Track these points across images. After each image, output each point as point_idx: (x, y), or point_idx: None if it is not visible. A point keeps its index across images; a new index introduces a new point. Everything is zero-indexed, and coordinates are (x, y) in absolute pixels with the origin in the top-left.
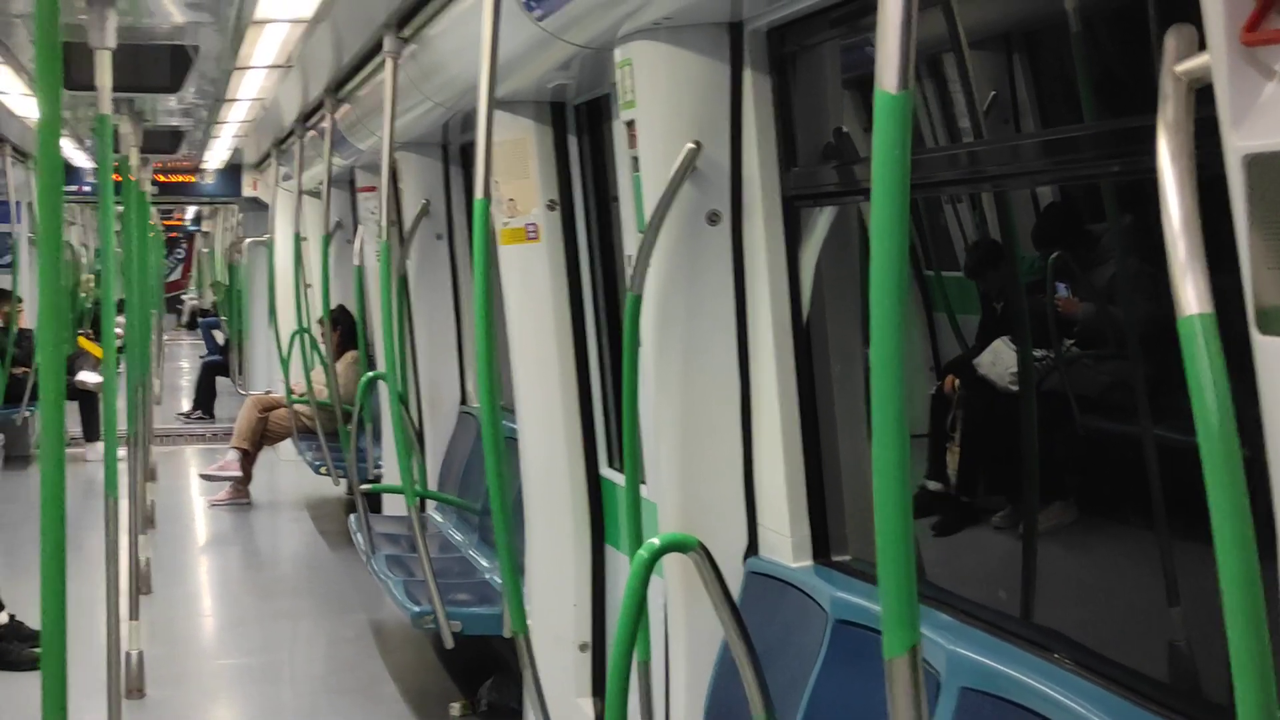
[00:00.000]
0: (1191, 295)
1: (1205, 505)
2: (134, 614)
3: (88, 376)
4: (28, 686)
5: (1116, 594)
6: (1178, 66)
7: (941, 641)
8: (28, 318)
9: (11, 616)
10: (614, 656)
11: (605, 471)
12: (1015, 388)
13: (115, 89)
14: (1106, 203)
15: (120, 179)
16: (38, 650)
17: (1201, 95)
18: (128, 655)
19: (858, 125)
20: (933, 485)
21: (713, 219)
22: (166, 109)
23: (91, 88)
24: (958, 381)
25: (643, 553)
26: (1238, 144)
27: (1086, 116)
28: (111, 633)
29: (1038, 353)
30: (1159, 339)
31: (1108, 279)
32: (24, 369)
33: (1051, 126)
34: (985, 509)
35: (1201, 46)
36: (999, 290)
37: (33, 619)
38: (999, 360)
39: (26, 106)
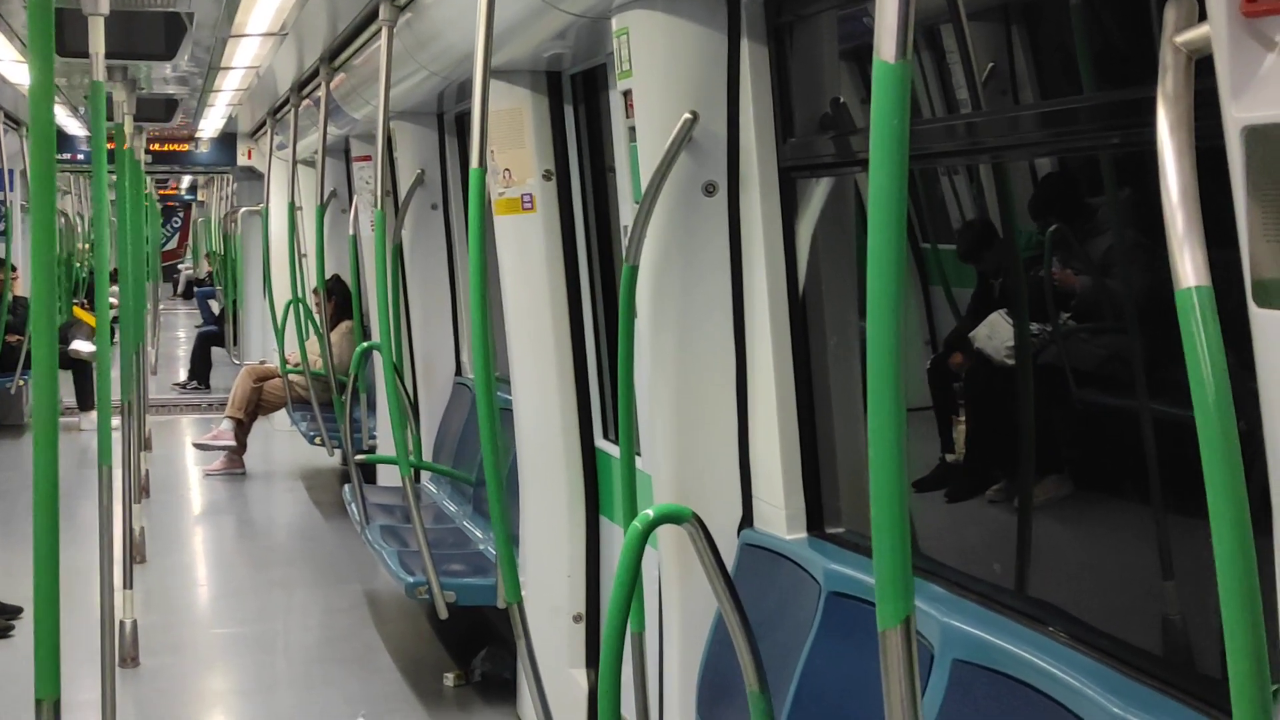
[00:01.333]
0: (1189, 268)
1: (1201, 479)
2: (128, 583)
3: (82, 345)
4: (2, 654)
5: (1111, 567)
6: (1177, 37)
7: (935, 614)
8: (22, 286)
9: None
10: (608, 627)
11: (600, 443)
12: (1011, 361)
13: (109, 56)
14: (1105, 175)
15: (114, 147)
16: (11, 621)
17: (1201, 66)
18: (122, 624)
19: (855, 96)
20: (951, 458)
21: (709, 190)
22: (161, 76)
23: (85, 55)
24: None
25: (637, 524)
26: (1237, 115)
27: (1085, 88)
28: (105, 602)
29: (1034, 327)
30: (1156, 312)
31: (1103, 251)
32: (17, 337)
33: (1050, 98)
34: (992, 480)
35: (1201, 17)
36: (995, 269)
37: (26, 588)
38: (995, 334)
39: (19, 73)
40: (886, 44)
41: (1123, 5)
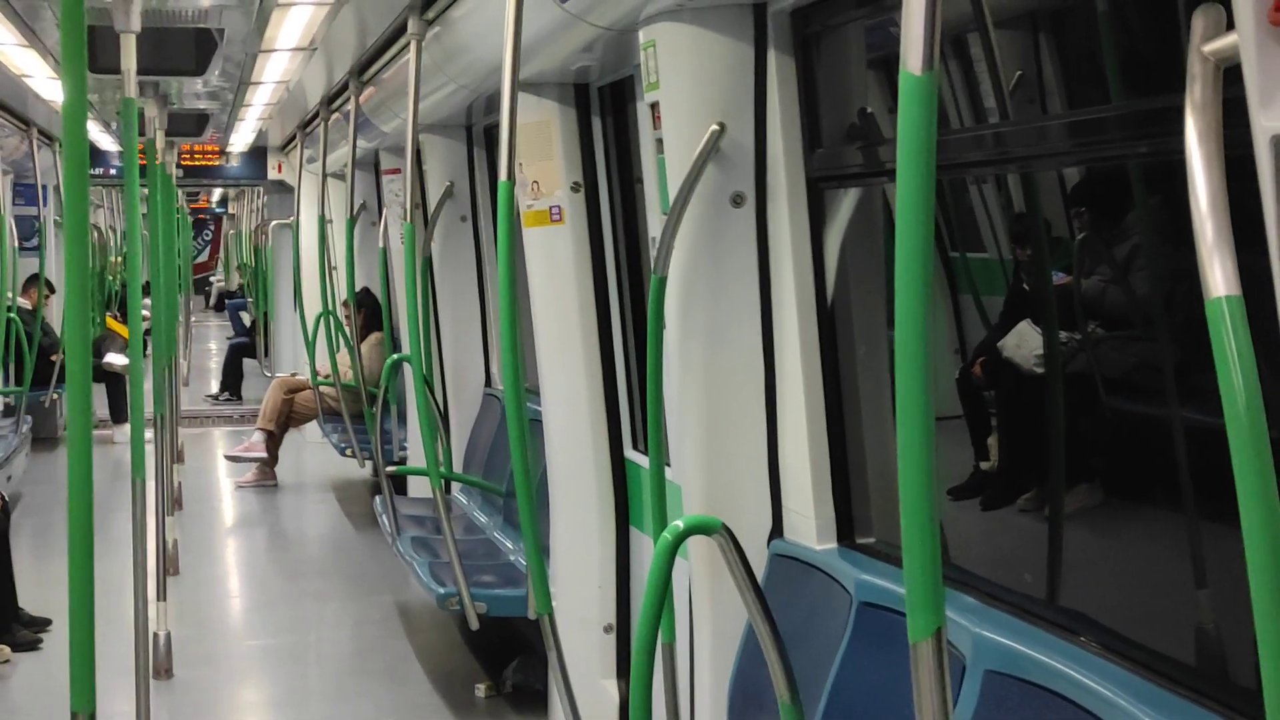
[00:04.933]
0: (1219, 277)
1: (1233, 487)
2: (161, 595)
3: (115, 358)
4: (34, 666)
5: (1143, 577)
6: (1205, 46)
7: (966, 624)
8: (55, 307)
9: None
10: (638, 638)
11: (629, 454)
12: (1041, 370)
13: (140, 72)
14: (1133, 182)
15: (146, 162)
16: (39, 634)
17: (1229, 75)
18: (155, 636)
19: (882, 106)
20: (986, 466)
21: (737, 201)
22: (192, 92)
23: (117, 71)
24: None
25: (667, 535)
26: (1266, 124)
27: (1113, 97)
28: (139, 614)
29: (1063, 335)
30: (1187, 321)
31: (1125, 257)
32: (56, 357)
33: (1078, 107)
34: (1023, 489)
35: (1230, 26)
36: (1038, 265)
37: (58, 600)
38: (1024, 343)
39: (52, 90)
40: (913, 55)
41: (1150, 13)
